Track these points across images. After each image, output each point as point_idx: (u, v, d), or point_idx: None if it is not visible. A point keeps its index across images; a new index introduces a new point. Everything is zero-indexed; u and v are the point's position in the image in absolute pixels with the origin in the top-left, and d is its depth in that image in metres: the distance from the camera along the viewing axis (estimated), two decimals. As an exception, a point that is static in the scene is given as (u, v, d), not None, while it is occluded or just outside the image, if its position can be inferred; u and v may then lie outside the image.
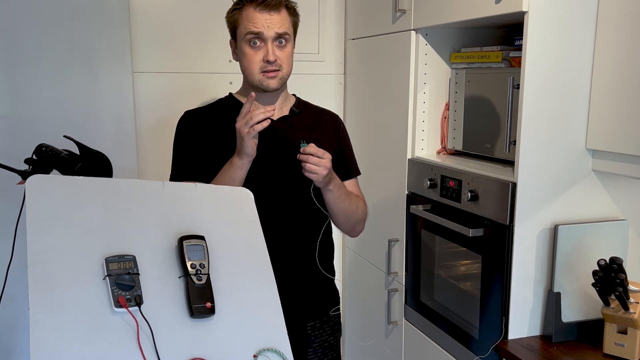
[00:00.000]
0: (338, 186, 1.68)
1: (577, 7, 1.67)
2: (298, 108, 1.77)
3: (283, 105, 1.75)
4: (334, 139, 1.80)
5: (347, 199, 1.73)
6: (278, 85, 1.66)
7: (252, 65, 1.63)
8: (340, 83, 2.83)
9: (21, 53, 2.25)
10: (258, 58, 1.62)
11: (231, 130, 1.69)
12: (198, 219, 1.31)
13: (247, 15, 1.62)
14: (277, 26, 1.61)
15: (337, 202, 1.70)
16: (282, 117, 1.73)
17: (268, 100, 1.71)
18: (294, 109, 1.76)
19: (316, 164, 1.56)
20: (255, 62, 1.63)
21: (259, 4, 1.60)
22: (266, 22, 1.60)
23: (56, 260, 1.14)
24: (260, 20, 1.60)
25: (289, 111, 1.75)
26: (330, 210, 1.74)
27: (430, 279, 2.17)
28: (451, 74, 2.18)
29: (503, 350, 1.73)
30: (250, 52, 1.63)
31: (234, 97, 1.76)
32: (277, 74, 1.64)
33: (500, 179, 1.76)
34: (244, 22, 1.62)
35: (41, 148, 1.47)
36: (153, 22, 2.49)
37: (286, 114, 1.74)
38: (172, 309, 1.18)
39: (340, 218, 1.76)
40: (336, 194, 1.68)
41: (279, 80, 1.65)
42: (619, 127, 1.64)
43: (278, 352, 1.22)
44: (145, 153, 2.52)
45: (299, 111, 1.76)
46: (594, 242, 1.75)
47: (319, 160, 1.56)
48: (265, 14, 1.60)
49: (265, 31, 1.60)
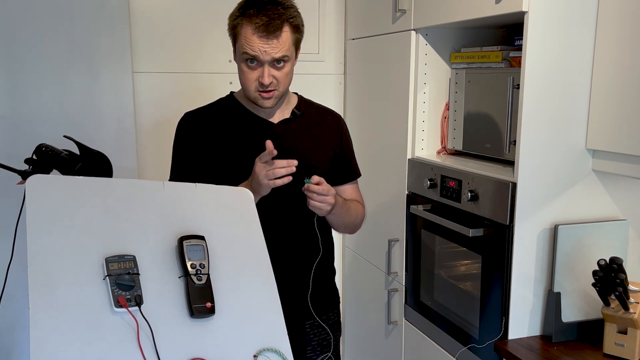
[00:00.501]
0: (340, 206, 1.68)
1: (577, 7, 1.67)
2: (300, 109, 1.76)
3: (284, 108, 1.74)
4: (336, 140, 1.80)
5: (347, 214, 1.75)
6: (273, 104, 1.64)
7: (248, 83, 1.61)
8: (340, 83, 2.83)
9: (21, 53, 2.25)
10: (254, 77, 1.59)
11: (231, 131, 1.69)
12: (198, 219, 1.31)
13: (245, 34, 1.56)
14: (275, 51, 1.55)
15: (337, 220, 1.74)
16: (282, 121, 1.72)
17: (268, 110, 1.70)
18: (295, 111, 1.75)
19: (321, 201, 1.57)
20: (251, 80, 1.60)
21: (257, 29, 1.53)
22: (263, 48, 1.54)
23: (56, 260, 1.14)
24: (257, 45, 1.54)
25: (291, 114, 1.74)
26: (332, 224, 1.79)
27: (430, 279, 2.17)
28: (451, 74, 2.18)
29: (503, 350, 1.73)
30: (246, 70, 1.60)
31: (235, 98, 1.76)
32: (272, 93, 1.62)
33: (500, 179, 1.76)
34: (241, 40, 1.57)
35: (41, 148, 1.47)
36: (153, 22, 2.49)
37: (287, 117, 1.74)
38: (172, 309, 1.18)
39: (340, 229, 1.83)
40: (337, 214, 1.69)
41: (274, 100, 1.63)
42: (619, 127, 1.64)
43: (278, 352, 1.22)
44: (145, 153, 2.52)
45: (300, 113, 1.75)
46: (594, 242, 1.75)
47: (324, 197, 1.57)
48: (263, 40, 1.54)
49: (261, 55, 1.55)
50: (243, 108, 1.72)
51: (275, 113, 1.72)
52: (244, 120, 1.71)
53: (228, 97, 1.77)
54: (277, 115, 1.72)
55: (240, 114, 1.72)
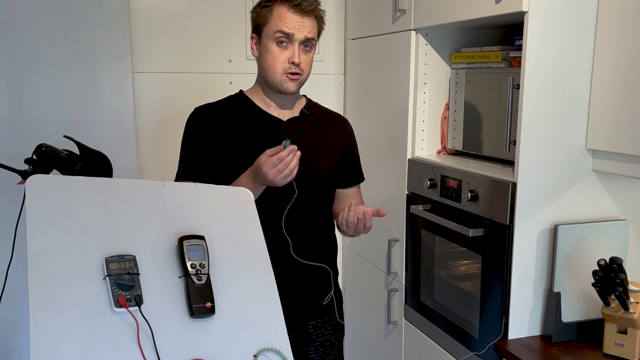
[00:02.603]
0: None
1: (577, 7, 1.67)
2: (309, 110, 1.77)
3: (294, 107, 1.75)
4: (343, 142, 1.81)
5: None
6: (296, 89, 1.67)
7: (276, 63, 1.63)
8: (340, 83, 2.83)
9: (21, 53, 2.25)
10: (283, 58, 1.62)
11: (241, 127, 1.69)
12: (198, 219, 1.31)
13: (279, 14, 1.61)
14: (307, 30, 1.62)
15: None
16: (292, 118, 1.73)
17: (282, 102, 1.72)
18: (304, 110, 1.76)
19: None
20: (280, 61, 1.63)
21: (294, 6, 1.60)
22: (298, 24, 1.60)
23: (56, 260, 1.14)
24: (293, 22, 1.60)
25: (300, 112, 1.75)
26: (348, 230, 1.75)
27: (430, 279, 2.17)
28: (451, 74, 2.18)
29: (503, 350, 1.73)
30: (276, 50, 1.63)
31: (245, 95, 1.76)
32: (298, 77, 1.65)
33: (500, 179, 1.76)
34: (274, 19, 1.62)
35: (41, 148, 1.47)
36: (153, 22, 2.49)
37: (296, 115, 1.74)
38: (172, 309, 1.18)
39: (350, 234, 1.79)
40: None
41: (298, 84, 1.66)
42: (619, 127, 1.64)
43: (278, 352, 1.22)
44: (145, 153, 2.52)
45: (309, 113, 1.76)
46: (594, 242, 1.75)
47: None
48: (298, 16, 1.61)
49: (296, 33, 1.60)
50: (253, 105, 1.72)
51: (285, 111, 1.73)
52: (253, 117, 1.71)
53: (238, 94, 1.78)
54: (287, 113, 1.73)
55: (250, 111, 1.72)
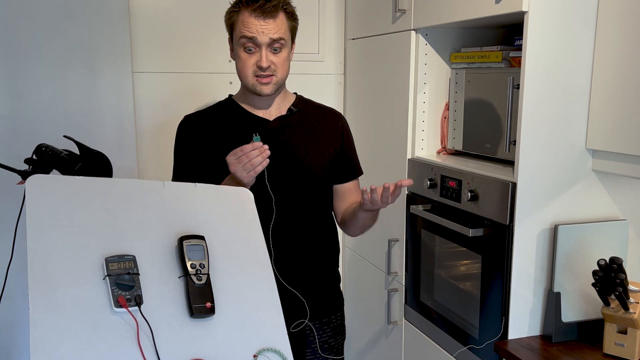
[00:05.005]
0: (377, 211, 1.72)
1: (577, 7, 1.67)
2: (297, 107, 1.76)
3: (281, 105, 1.74)
4: (336, 139, 1.79)
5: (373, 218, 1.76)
6: (272, 91, 1.66)
7: (246, 69, 1.63)
8: (340, 83, 2.83)
9: (21, 53, 2.25)
10: (251, 62, 1.62)
11: (229, 131, 1.69)
12: (198, 219, 1.31)
13: (242, 19, 1.61)
14: (272, 32, 1.60)
15: (366, 221, 1.74)
16: (279, 117, 1.73)
17: (267, 103, 1.71)
18: (292, 108, 1.75)
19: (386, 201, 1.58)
20: (249, 66, 1.63)
21: (254, 10, 1.59)
22: (260, 28, 1.59)
23: (56, 260, 1.14)
24: (255, 26, 1.59)
25: (287, 110, 1.74)
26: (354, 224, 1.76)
27: (430, 279, 2.17)
28: (451, 74, 2.18)
29: (503, 350, 1.73)
30: (244, 56, 1.62)
31: (233, 99, 1.76)
32: (271, 79, 1.64)
33: (500, 179, 1.76)
34: (239, 25, 1.61)
35: (41, 148, 1.47)
36: (153, 22, 2.49)
37: (283, 114, 1.74)
38: (172, 309, 1.18)
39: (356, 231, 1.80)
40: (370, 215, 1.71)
41: (272, 86, 1.65)
42: (619, 127, 1.64)
43: (278, 352, 1.22)
44: (145, 153, 2.52)
45: (297, 110, 1.75)
46: (594, 242, 1.75)
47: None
48: (260, 20, 1.59)
49: (258, 37, 1.59)
50: (240, 108, 1.72)
51: (272, 111, 1.72)
52: (240, 120, 1.71)
53: (226, 100, 1.78)
54: (274, 113, 1.73)
55: (237, 115, 1.72)
